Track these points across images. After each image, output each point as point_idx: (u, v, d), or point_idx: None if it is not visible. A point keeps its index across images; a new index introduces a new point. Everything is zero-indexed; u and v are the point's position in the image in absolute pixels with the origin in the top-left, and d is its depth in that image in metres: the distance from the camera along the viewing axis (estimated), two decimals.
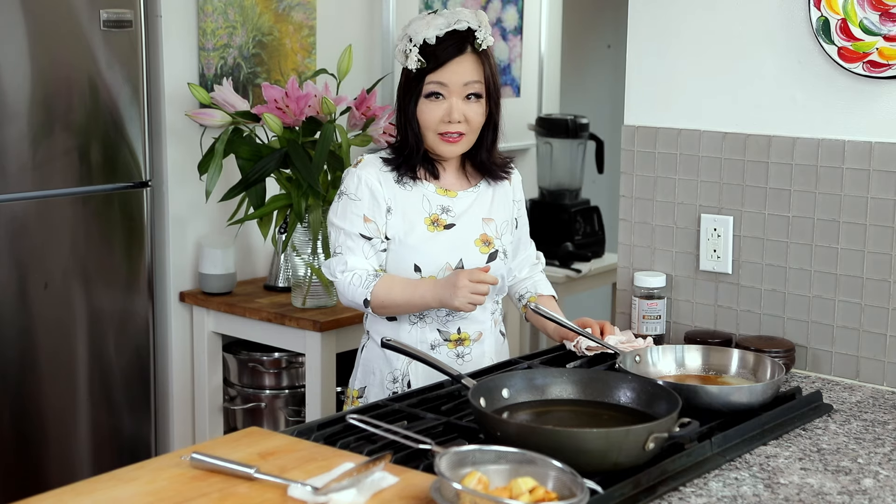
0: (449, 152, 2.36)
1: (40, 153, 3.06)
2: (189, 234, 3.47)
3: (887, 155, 2.30)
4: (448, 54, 2.29)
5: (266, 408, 3.44)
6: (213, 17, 3.42)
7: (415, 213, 2.35)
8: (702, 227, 2.54)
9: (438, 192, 2.38)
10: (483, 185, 2.44)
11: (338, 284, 2.35)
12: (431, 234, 2.35)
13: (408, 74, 2.33)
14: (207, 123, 3.21)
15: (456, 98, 2.31)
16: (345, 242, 2.35)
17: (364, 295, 2.31)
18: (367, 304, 2.31)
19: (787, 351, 2.35)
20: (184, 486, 1.61)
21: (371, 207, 2.34)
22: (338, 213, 2.37)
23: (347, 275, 2.33)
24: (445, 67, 2.29)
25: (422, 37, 2.29)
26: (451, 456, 1.57)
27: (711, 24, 2.51)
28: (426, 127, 2.33)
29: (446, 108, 2.30)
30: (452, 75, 2.30)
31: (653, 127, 2.61)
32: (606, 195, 5.07)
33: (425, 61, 2.29)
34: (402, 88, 2.35)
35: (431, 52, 2.29)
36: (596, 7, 5.37)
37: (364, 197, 2.34)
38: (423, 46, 2.29)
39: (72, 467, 3.20)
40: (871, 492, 1.74)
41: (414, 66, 2.30)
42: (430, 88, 2.30)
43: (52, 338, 3.13)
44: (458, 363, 2.38)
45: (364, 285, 2.31)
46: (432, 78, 2.30)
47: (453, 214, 2.38)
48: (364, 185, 2.34)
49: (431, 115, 2.31)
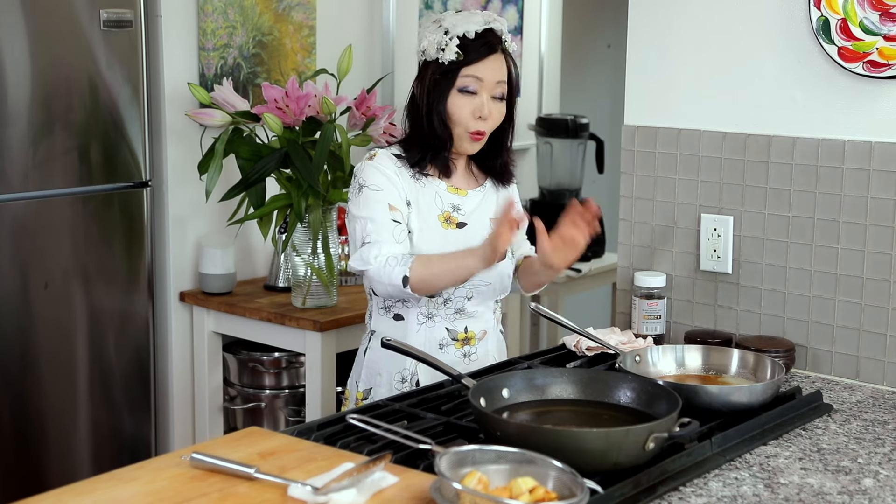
0: (471, 149, 2.36)
1: (40, 153, 3.06)
2: (189, 234, 3.47)
3: (887, 155, 2.30)
4: (486, 50, 2.31)
5: (266, 408, 3.44)
6: (213, 17, 3.42)
7: (429, 210, 2.35)
8: (702, 227, 2.54)
9: (450, 190, 2.39)
10: (489, 184, 2.45)
11: (371, 271, 2.28)
12: (445, 231, 2.35)
13: (437, 68, 2.32)
14: (207, 123, 3.21)
15: (487, 94, 2.32)
16: (374, 230, 2.30)
17: (403, 273, 2.24)
18: (406, 281, 2.24)
19: (787, 351, 2.35)
20: (184, 486, 1.61)
21: (394, 196, 2.32)
22: (360, 206, 2.33)
23: (381, 259, 2.27)
24: (483, 62, 2.31)
25: (462, 30, 2.30)
26: (451, 456, 1.57)
27: (711, 24, 2.51)
28: (456, 122, 2.33)
29: (478, 103, 2.31)
30: (488, 71, 2.31)
31: (653, 127, 2.61)
32: (606, 195, 5.06)
33: (463, 54, 2.30)
34: (431, 82, 2.33)
35: (469, 46, 2.30)
36: (596, 7, 5.37)
37: (385, 186, 2.32)
38: (462, 39, 2.30)
39: (72, 467, 3.20)
40: (871, 492, 1.74)
41: (451, 59, 2.30)
42: (466, 82, 2.31)
43: (52, 338, 3.13)
44: (464, 362, 2.38)
45: (402, 264, 2.25)
46: (469, 71, 2.31)
47: (464, 213, 2.38)
48: (382, 176, 2.33)
49: (463, 110, 2.31)
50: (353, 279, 3.54)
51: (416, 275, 2.24)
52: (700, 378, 2.15)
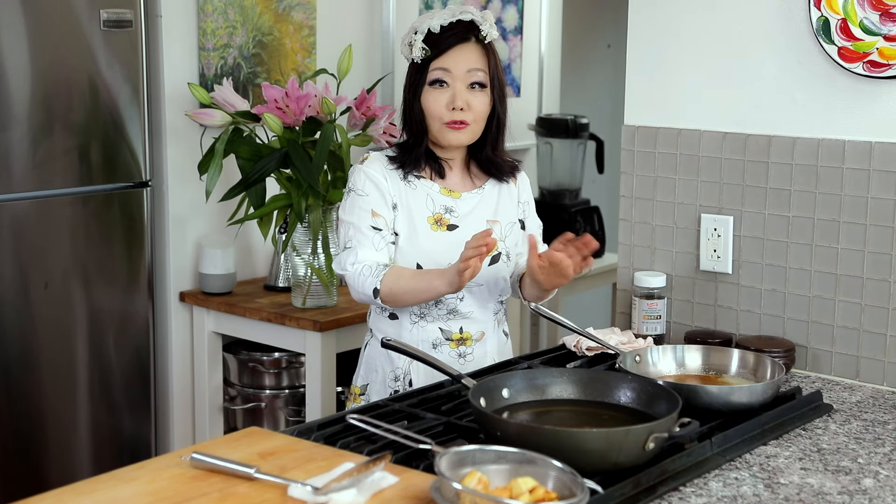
0: (455, 140, 2.35)
1: (40, 153, 3.06)
2: (189, 234, 3.47)
3: (887, 155, 2.30)
4: (452, 41, 2.32)
5: (266, 408, 3.44)
6: (213, 17, 3.42)
7: (418, 212, 2.35)
8: (702, 227, 2.54)
9: (443, 192, 2.38)
10: (488, 186, 2.44)
11: (348, 277, 2.33)
12: (434, 233, 2.35)
13: (413, 67, 2.35)
14: (207, 123, 3.21)
15: (460, 84, 2.32)
16: (354, 236, 2.34)
17: (374, 285, 2.28)
18: (377, 293, 2.29)
19: (787, 351, 2.35)
20: (184, 486, 1.61)
21: (378, 202, 2.34)
22: (346, 210, 2.37)
23: (357, 266, 2.31)
24: (449, 53, 2.32)
25: (426, 26, 2.32)
26: (451, 456, 1.57)
27: (711, 24, 2.51)
28: (431, 116, 2.33)
29: (450, 94, 2.32)
30: (456, 62, 2.32)
31: (653, 127, 2.61)
32: (606, 195, 5.07)
33: (429, 49, 2.31)
34: (409, 82, 2.36)
35: (435, 40, 2.32)
36: (596, 7, 5.37)
37: (371, 192, 2.34)
38: (428, 35, 2.32)
39: (72, 467, 3.20)
40: (871, 492, 1.74)
41: (418, 56, 2.32)
42: (435, 75, 2.32)
43: (52, 338, 3.13)
44: (459, 363, 2.38)
45: (374, 275, 2.29)
46: (436, 64, 2.32)
47: (457, 215, 2.38)
48: (369, 181, 2.34)
49: (436, 103, 2.32)
50: None
51: (386, 288, 2.28)
52: (700, 378, 2.15)
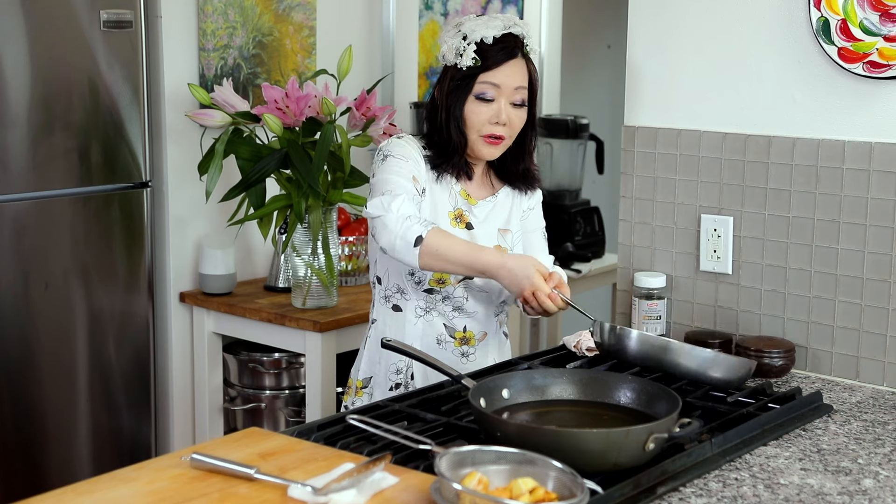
0: (489, 154, 2.33)
1: (40, 153, 3.06)
2: (189, 234, 3.47)
3: (887, 155, 2.30)
4: (504, 55, 2.29)
5: (266, 408, 3.44)
6: (213, 17, 3.42)
7: (441, 205, 2.34)
8: (702, 227, 2.54)
9: (461, 195, 2.37)
10: (502, 193, 2.43)
11: (388, 218, 2.19)
12: (453, 228, 2.34)
13: (456, 73, 2.30)
14: (207, 124, 3.21)
15: (505, 101, 2.30)
16: (397, 185, 2.24)
17: (420, 232, 2.17)
18: (420, 241, 2.17)
19: (787, 351, 2.35)
20: (184, 486, 1.61)
21: (417, 172, 2.30)
22: (383, 169, 2.28)
23: (403, 212, 2.20)
24: (500, 68, 2.29)
25: (479, 35, 2.28)
26: (451, 456, 1.57)
27: (711, 24, 2.51)
28: (471, 127, 2.31)
29: (496, 109, 2.29)
30: (506, 77, 2.29)
31: (653, 127, 2.61)
32: (606, 195, 5.07)
33: (480, 60, 2.28)
34: (450, 87, 2.32)
35: (487, 52, 2.28)
36: (596, 7, 5.37)
37: (412, 159, 2.30)
38: (480, 45, 2.28)
39: (72, 467, 3.20)
40: (871, 492, 1.74)
41: (468, 64, 2.28)
42: (482, 89, 2.29)
43: (52, 338, 3.14)
44: (461, 362, 2.38)
45: (422, 224, 2.19)
46: (486, 78, 2.29)
47: (473, 218, 2.38)
48: (411, 152, 2.31)
49: (478, 116, 2.29)
50: (353, 279, 3.54)
51: (432, 240, 2.17)
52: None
